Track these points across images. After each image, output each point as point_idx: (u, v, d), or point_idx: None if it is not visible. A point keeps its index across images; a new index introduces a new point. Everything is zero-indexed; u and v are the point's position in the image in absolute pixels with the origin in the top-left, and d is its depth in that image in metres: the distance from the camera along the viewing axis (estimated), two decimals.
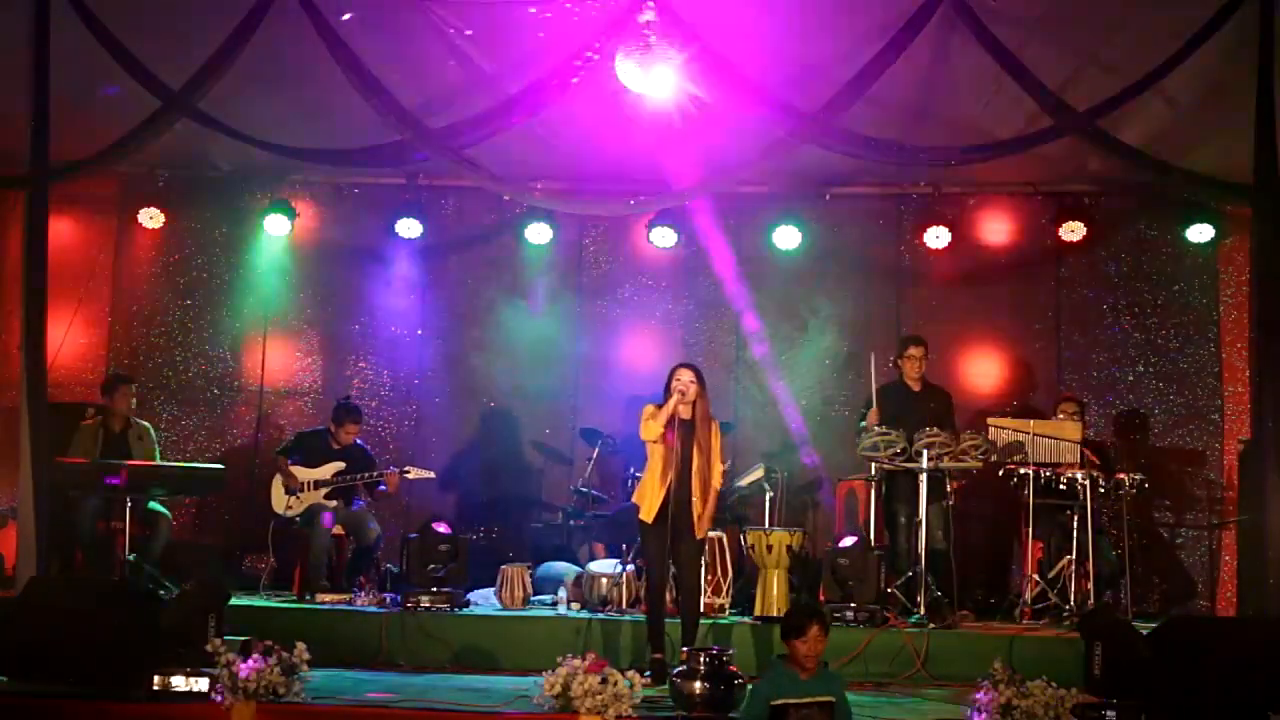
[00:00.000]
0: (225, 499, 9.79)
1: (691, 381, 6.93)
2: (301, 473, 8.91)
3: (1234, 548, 9.26)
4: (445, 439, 10.29)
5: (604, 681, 5.51)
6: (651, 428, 6.91)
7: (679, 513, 6.89)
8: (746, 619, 7.90)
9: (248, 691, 5.57)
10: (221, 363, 10.31)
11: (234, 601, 7.34)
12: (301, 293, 10.41)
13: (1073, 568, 8.14)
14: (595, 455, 9.38)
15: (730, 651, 6.04)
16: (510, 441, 10.28)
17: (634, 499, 7.13)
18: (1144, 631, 6.21)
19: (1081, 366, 9.98)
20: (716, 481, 7.05)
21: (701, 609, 7.29)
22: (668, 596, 7.18)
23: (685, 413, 6.94)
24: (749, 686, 5.87)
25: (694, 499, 6.89)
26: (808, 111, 7.30)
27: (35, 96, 7.14)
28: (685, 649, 6.19)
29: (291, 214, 10.07)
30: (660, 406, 6.94)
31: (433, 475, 9.04)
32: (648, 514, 6.93)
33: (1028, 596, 8.20)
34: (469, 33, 7.61)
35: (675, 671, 6.01)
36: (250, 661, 5.62)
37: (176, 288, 10.32)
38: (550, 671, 5.64)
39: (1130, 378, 9.90)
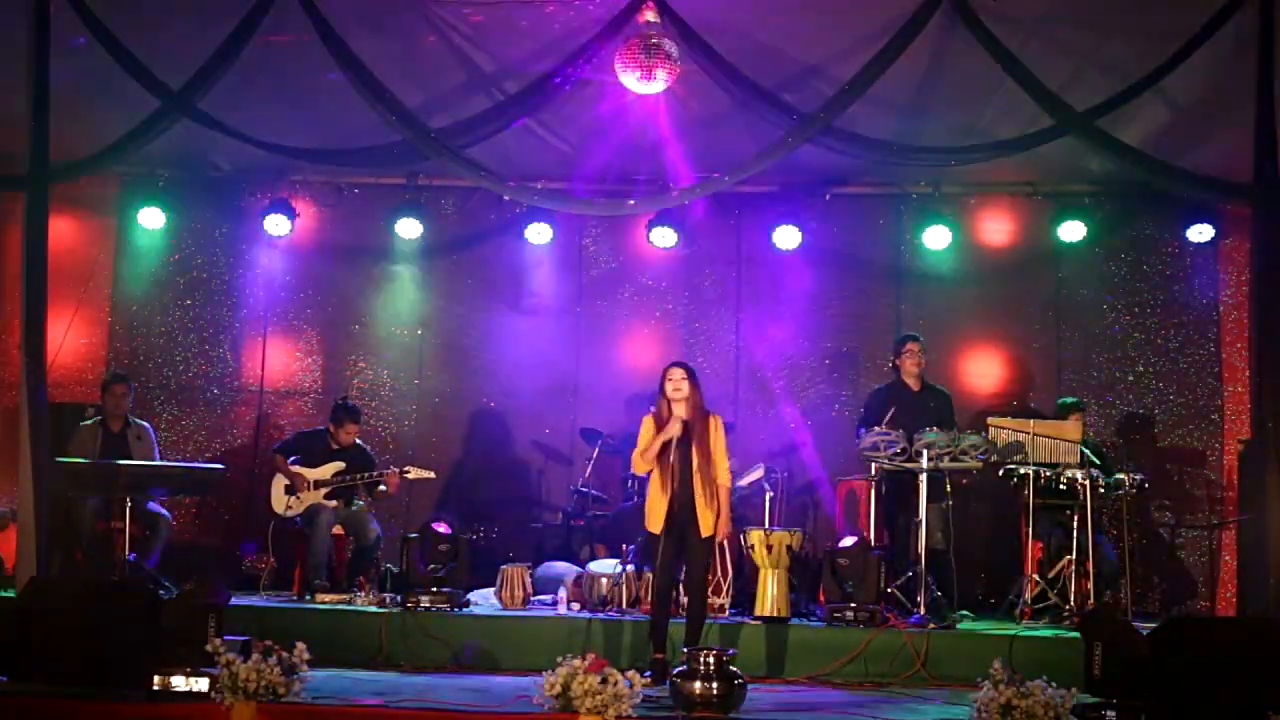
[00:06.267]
0: (225, 499, 9.79)
1: (683, 379, 6.90)
2: (301, 473, 8.91)
3: (1234, 548, 9.27)
4: (445, 439, 10.29)
5: (604, 681, 5.51)
6: (639, 465, 6.96)
7: (684, 513, 6.88)
8: (747, 619, 7.90)
9: (248, 691, 5.57)
10: (221, 363, 10.31)
11: (234, 601, 7.34)
12: (301, 293, 10.41)
13: (1073, 568, 8.14)
14: (595, 455, 9.38)
15: (731, 651, 6.04)
16: (510, 441, 10.28)
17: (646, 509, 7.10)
18: (1144, 631, 6.20)
19: (1081, 366, 9.99)
20: (723, 479, 6.92)
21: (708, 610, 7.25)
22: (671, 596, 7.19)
23: (682, 411, 6.93)
24: (747, 685, 5.91)
25: (697, 498, 6.86)
26: (808, 111, 7.31)
27: (35, 96, 7.14)
28: (686, 648, 6.19)
29: (291, 214, 10.07)
30: (654, 415, 6.94)
31: (433, 475, 9.03)
32: (655, 525, 6.90)
33: (1028, 596, 8.20)
34: (469, 32, 7.61)
35: (676, 671, 6.01)
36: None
37: (176, 288, 10.32)
38: (550, 671, 5.64)
39: (1130, 378, 9.91)
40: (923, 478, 8.02)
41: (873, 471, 8.41)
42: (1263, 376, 7.00)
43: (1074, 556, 8.14)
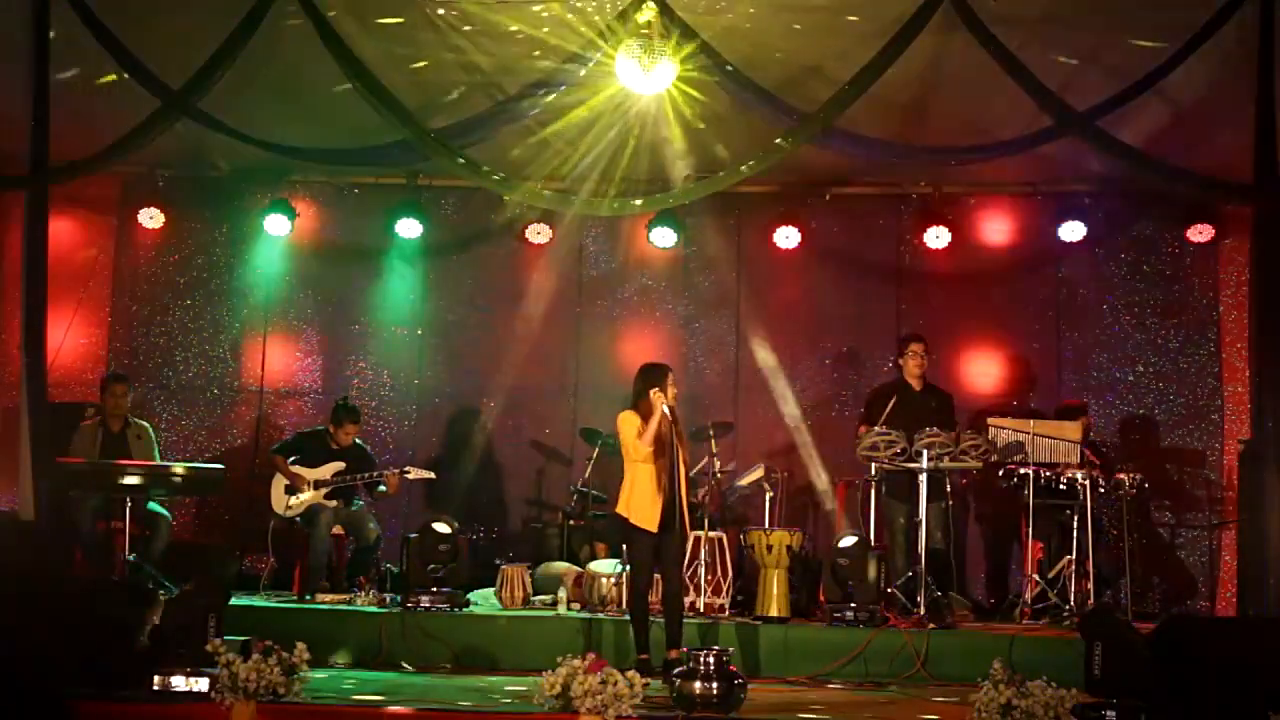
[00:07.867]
0: (225, 499, 9.78)
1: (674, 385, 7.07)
2: (301, 473, 8.91)
3: (1234, 548, 9.25)
4: (445, 439, 10.29)
5: (604, 681, 5.51)
6: (641, 449, 6.98)
7: (668, 514, 6.93)
8: (746, 619, 7.90)
9: (248, 691, 5.58)
10: (221, 363, 10.31)
11: (234, 601, 7.34)
12: (301, 293, 10.40)
13: (1073, 568, 8.14)
14: (595, 455, 9.37)
15: (730, 651, 6.04)
16: (510, 441, 10.27)
17: (622, 509, 7.08)
18: (1144, 631, 6.21)
19: (1081, 366, 9.99)
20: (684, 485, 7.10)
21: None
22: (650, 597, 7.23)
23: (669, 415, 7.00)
24: (747, 685, 5.91)
25: (681, 499, 6.91)
26: (809, 112, 7.30)
27: (35, 96, 7.14)
28: (679, 650, 6.19)
29: (291, 214, 10.05)
30: (635, 410, 6.99)
31: (433, 475, 9.03)
32: (650, 523, 6.93)
33: (1028, 596, 8.21)
34: (469, 32, 7.60)
35: (675, 671, 6.01)
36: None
37: (176, 288, 10.31)
38: (550, 671, 5.64)
39: (1130, 378, 9.90)
40: (923, 478, 8.02)
41: (873, 471, 8.42)
42: (1263, 376, 7.00)
43: (1074, 556, 8.14)
